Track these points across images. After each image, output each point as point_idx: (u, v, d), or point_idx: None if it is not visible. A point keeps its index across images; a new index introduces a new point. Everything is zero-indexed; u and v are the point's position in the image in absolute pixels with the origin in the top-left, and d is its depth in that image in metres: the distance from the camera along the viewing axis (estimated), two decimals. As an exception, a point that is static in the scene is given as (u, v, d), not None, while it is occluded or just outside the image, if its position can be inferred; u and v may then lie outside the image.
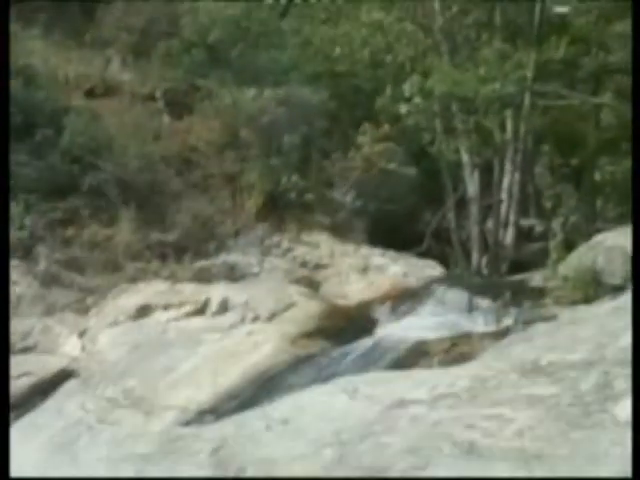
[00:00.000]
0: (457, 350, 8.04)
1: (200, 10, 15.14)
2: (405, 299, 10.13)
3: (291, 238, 11.95)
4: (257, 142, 12.94)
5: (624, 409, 3.90)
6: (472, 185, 13.25)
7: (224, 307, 9.60)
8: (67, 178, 11.66)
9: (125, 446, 4.84)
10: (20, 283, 10.22)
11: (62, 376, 9.05)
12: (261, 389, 8.02)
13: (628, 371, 4.21)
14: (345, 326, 9.24)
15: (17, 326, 9.13)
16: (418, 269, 11.43)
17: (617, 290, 8.16)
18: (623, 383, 4.13)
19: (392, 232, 12.78)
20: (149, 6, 16.01)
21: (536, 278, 10.43)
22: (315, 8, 15.23)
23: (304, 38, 14.70)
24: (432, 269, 11.52)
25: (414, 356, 7.98)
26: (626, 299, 7.09)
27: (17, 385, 8.16)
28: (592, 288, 8.57)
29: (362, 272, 11.26)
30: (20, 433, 6.89)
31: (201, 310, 9.66)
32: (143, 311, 9.83)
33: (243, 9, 14.75)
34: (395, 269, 11.41)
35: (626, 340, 4.67)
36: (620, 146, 17.19)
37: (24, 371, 8.63)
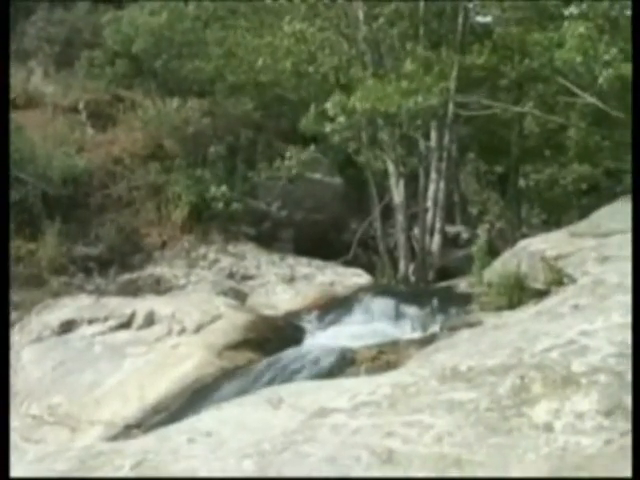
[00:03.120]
0: (384, 358, 8.07)
1: (123, 20, 15.03)
2: (332, 308, 10.16)
3: (217, 249, 11.91)
4: (182, 153, 12.89)
5: (540, 412, 3.96)
6: (398, 194, 13.35)
7: (150, 320, 9.51)
8: (-11, 191, 11.47)
9: (45, 464, 4.74)
10: (-60, 299, 10.02)
11: (-16, 394, 8.88)
12: (188, 402, 7.97)
13: (544, 375, 4.27)
14: (272, 336, 9.24)
15: (-63, 343, 8.94)
16: (345, 278, 11.48)
17: (541, 295, 8.25)
18: (539, 387, 4.19)
19: (318, 241, 12.85)
20: (71, 17, 15.87)
21: (462, 284, 10.52)
22: (238, 19, 15.23)
23: (227, 48, 14.69)
24: (359, 277, 11.58)
25: (341, 365, 8.00)
26: (549, 303, 7.21)
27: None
28: (516, 293, 8.64)
29: (289, 282, 11.27)
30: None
31: (127, 324, 9.56)
32: (68, 326, 9.70)
33: (166, 20, 14.67)
34: (322, 278, 11.46)
35: (543, 344, 4.74)
36: (543, 154, 17.51)
37: (-55, 390, 8.47)
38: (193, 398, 7.99)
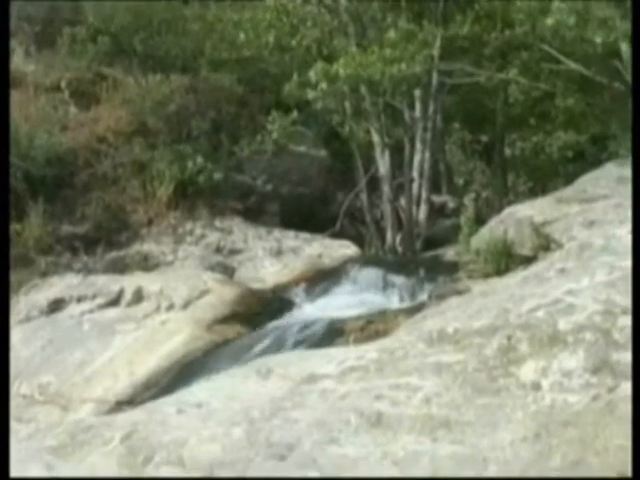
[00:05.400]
0: (372, 327, 8.08)
1: (104, -3, 14.98)
2: (320, 280, 10.16)
3: (204, 225, 11.86)
4: (166, 129, 12.82)
5: (528, 372, 3.98)
6: (383, 165, 13.32)
7: (138, 297, 9.49)
8: (-28, 173, 11.40)
9: (36, 440, 4.75)
10: None
11: (-26, 376, 8.86)
12: (178, 377, 7.98)
13: (530, 334, 4.28)
14: (261, 310, 9.24)
15: None
16: (332, 250, 11.45)
17: (528, 261, 8.28)
18: (526, 346, 4.20)
19: (305, 214, 12.82)
20: (50, -5, 15.75)
21: (449, 253, 10.54)
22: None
23: (208, 24, 14.62)
24: (346, 249, 11.54)
25: (330, 335, 8.01)
26: (536, 268, 7.23)
27: None
28: (503, 260, 8.66)
29: (276, 255, 11.23)
30: None
31: (115, 301, 9.53)
32: (56, 305, 9.67)
33: (142, -1, 14.67)
34: (309, 251, 11.41)
35: (529, 304, 4.75)
36: (528, 122, 17.46)
37: None
38: (183, 372, 8.00)
